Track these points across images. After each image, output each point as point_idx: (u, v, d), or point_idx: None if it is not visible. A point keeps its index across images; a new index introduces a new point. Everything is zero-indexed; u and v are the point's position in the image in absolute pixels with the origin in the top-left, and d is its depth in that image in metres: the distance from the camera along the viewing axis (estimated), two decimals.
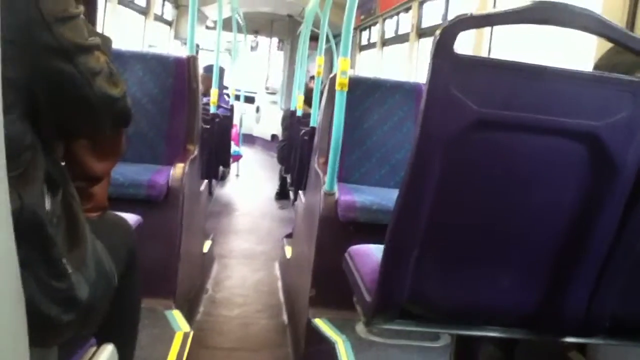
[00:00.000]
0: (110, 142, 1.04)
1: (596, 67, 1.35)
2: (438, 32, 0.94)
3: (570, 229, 1.07)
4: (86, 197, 1.03)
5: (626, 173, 1.02)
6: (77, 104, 0.81)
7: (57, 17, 0.74)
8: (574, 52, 2.37)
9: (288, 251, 3.31)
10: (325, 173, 2.24)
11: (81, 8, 0.82)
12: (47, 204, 0.79)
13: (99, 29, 1.08)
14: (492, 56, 3.04)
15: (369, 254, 1.33)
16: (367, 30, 6.79)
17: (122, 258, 1.11)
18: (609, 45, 1.26)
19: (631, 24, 1.73)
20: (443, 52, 0.94)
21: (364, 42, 6.96)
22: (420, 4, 4.62)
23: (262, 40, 10.56)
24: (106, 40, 0.94)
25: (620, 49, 1.04)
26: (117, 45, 2.23)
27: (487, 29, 2.92)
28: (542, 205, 1.07)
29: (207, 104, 4.33)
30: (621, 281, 1.11)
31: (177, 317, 2.08)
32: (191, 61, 2.52)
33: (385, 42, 5.90)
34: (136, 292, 1.29)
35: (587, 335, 1.20)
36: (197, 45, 2.92)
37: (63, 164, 0.95)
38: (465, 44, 2.87)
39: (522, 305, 1.15)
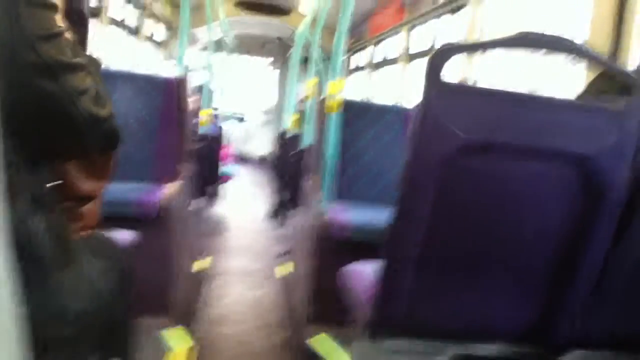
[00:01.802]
0: (100, 163, 1.03)
1: (585, 92, 1.38)
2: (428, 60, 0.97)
3: (562, 251, 1.09)
4: (76, 216, 1.03)
5: (615, 197, 1.03)
6: (62, 124, 0.79)
7: (41, 35, 0.73)
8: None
9: (284, 269, 3.29)
10: (318, 192, 2.26)
11: (64, 26, 0.81)
12: (32, 224, 0.79)
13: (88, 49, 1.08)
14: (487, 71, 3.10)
15: (365, 272, 1.34)
16: (357, 53, 6.87)
17: (115, 276, 1.11)
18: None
19: (615, 50, 1.78)
20: (430, 79, 0.97)
21: (352, 66, 7.03)
22: (409, 30, 4.71)
23: (254, 60, 10.62)
24: (94, 63, 0.94)
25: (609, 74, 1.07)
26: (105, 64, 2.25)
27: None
28: (533, 228, 1.08)
29: (197, 124, 4.34)
30: (613, 298, 1.13)
31: (172, 336, 2.06)
32: (180, 82, 2.54)
33: (374, 66, 5.97)
34: (130, 310, 1.28)
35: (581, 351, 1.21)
36: (187, 67, 2.95)
37: (52, 183, 0.95)
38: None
39: (517, 322, 1.16)
